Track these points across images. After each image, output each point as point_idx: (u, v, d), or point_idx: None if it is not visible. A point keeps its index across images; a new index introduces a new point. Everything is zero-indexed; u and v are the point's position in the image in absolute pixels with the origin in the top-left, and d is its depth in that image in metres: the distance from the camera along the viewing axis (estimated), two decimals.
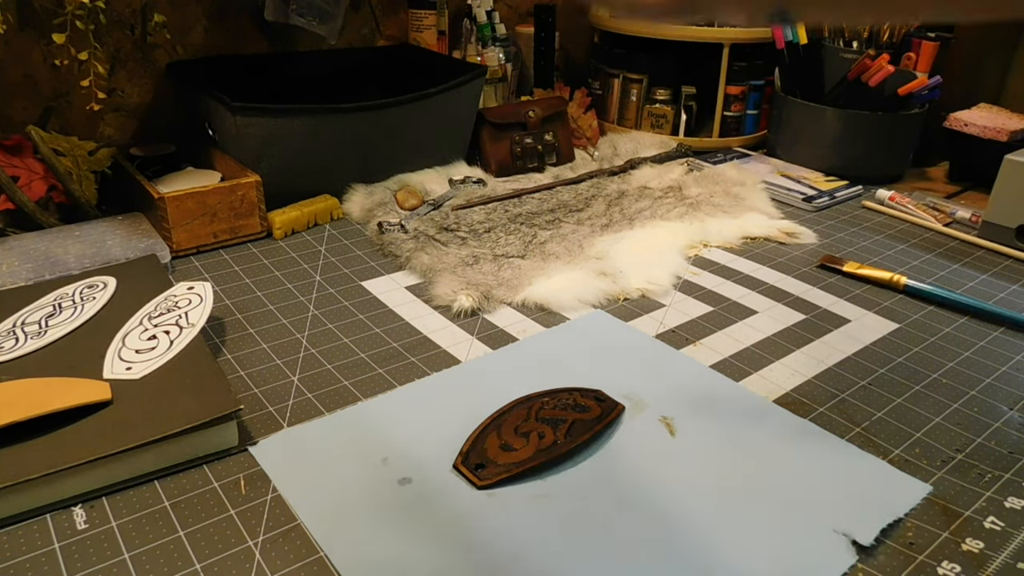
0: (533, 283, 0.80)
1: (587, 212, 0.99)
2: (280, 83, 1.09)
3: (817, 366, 0.70)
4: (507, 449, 0.56)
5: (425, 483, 0.53)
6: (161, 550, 0.47)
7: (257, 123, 0.89)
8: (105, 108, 0.99)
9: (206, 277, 0.82)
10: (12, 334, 0.64)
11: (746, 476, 0.55)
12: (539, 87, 1.29)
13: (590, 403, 0.61)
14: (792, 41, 1.18)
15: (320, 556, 0.47)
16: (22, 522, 0.49)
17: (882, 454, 0.58)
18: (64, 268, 0.77)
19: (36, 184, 0.86)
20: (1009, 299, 0.83)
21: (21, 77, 0.94)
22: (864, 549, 0.49)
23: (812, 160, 1.19)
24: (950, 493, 0.54)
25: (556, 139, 1.16)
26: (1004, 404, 0.65)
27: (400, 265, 0.86)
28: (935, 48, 1.20)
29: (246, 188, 0.87)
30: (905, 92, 1.12)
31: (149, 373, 0.58)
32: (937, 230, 1.01)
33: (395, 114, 0.99)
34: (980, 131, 1.13)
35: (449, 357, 0.69)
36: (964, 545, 0.50)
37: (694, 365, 0.69)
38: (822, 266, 0.89)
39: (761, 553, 0.48)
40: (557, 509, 0.51)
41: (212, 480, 0.53)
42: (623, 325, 0.75)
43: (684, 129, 1.28)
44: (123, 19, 0.98)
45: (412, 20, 1.21)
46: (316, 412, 0.61)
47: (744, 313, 0.79)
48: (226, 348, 0.69)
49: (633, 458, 0.57)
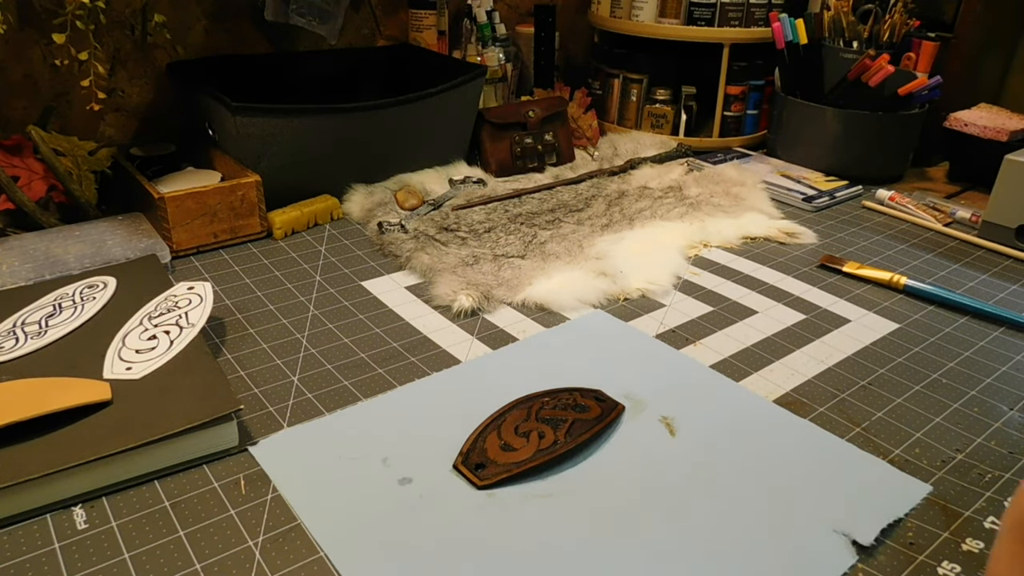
0: (533, 283, 0.80)
1: (587, 212, 0.99)
2: (280, 83, 1.09)
3: (817, 366, 0.70)
4: (507, 449, 0.56)
5: (425, 483, 0.53)
6: (161, 550, 0.47)
7: (257, 123, 0.89)
8: (105, 108, 0.99)
9: (206, 277, 0.82)
10: (12, 334, 0.64)
11: (746, 476, 0.55)
12: (539, 87, 1.29)
13: (590, 403, 0.61)
14: (792, 41, 1.18)
15: (320, 556, 0.47)
16: (22, 522, 0.49)
17: (882, 454, 0.58)
18: (64, 268, 0.77)
19: (36, 184, 0.86)
20: (1009, 299, 0.83)
21: (21, 77, 0.94)
22: (864, 549, 0.49)
23: (812, 160, 1.19)
24: (950, 493, 0.54)
25: (556, 139, 1.16)
26: (1004, 404, 0.65)
27: (400, 265, 0.86)
28: (935, 48, 1.20)
29: (246, 188, 0.87)
30: (905, 92, 1.12)
31: (149, 373, 0.58)
32: (937, 230, 1.01)
33: (395, 114, 0.99)
34: (980, 131, 1.13)
35: (449, 357, 0.69)
36: (964, 545, 0.50)
37: (694, 365, 0.69)
38: (822, 266, 0.89)
39: (761, 553, 0.48)
40: (557, 509, 0.51)
41: (212, 480, 0.53)
42: (623, 325, 0.75)
43: (684, 129, 1.28)
44: (123, 19, 0.98)
45: (412, 20, 1.21)
46: (316, 412, 0.61)
47: (744, 313, 0.79)
48: (226, 348, 0.69)
49: (633, 458, 0.57)
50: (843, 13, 1.19)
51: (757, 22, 1.22)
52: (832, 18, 1.20)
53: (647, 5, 1.22)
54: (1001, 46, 1.27)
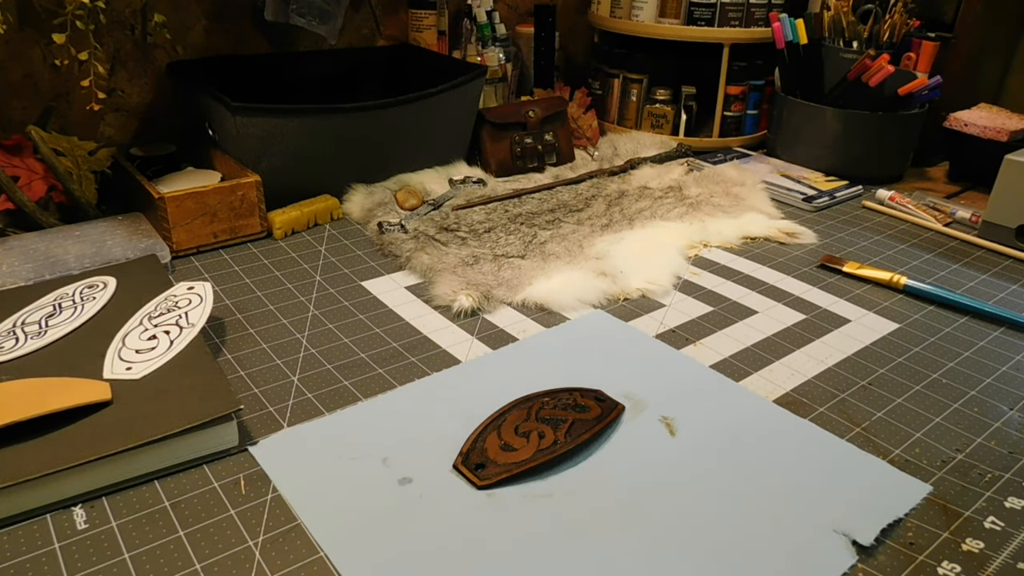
0: (533, 283, 0.80)
1: (587, 212, 0.99)
2: (280, 83, 1.09)
3: (817, 366, 0.70)
4: (507, 449, 0.56)
5: (425, 483, 0.53)
6: (161, 550, 0.47)
7: (257, 123, 0.89)
8: (105, 108, 0.99)
9: (206, 277, 0.82)
10: (12, 334, 0.64)
11: (746, 476, 0.55)
12: (539, 87, 1.29)
13: (590, 403, 0.61)
14: (792, 41, 1.18)
15: (320, 556, 0.47)
16: (22, 522, 0.49)
17: (882, 454, 0.58)
18: (64, 268, 0.77)
19: (36, 184, 0.86)
20: (1009, 299, 0.83)
21: (21, 77, 0.94)
22: (864, 549, 0.49)
23: (812, 160, 1.19)
24: (950, 493, 0.54)
25: (556, 139, 1.16)
26: (1004, 404, 0.65)
27: (400, 265, 0.86)
28: (935, 48, 1.20)
29: (246, 188, 0.87)
30: (905, 92, 1.12)
31: (149, 373, 0.58)
32: (937, 230, 1.01)
33: (395, 114, 0.99)
34: (980, 131, 1.13)
35: (449, 357, 0.69)
36: (964, 545, 0.50)
37: (694, 365, 0.69)
38: (822, 266, 0.89)
39: (761, 553, 0.48)
40: (557, 509, 0.51)
41: (212, 480, 0.53)
42: (623, 325, 0.75)
43: (684, 129, 1.28)
44: (123, 19, 0.98)
45: (412, 20, 1.21)
46: (316, 412, 0.61)
47: (744, 313, 0.79)
48: (226, 348, 0.69)
49: (633, 458, 0.57)
50: (843, 13, 1.19)
51: (757, 22, 1.22)
52: (832, 18, 1.20)
53: (647, 5, 1.22)
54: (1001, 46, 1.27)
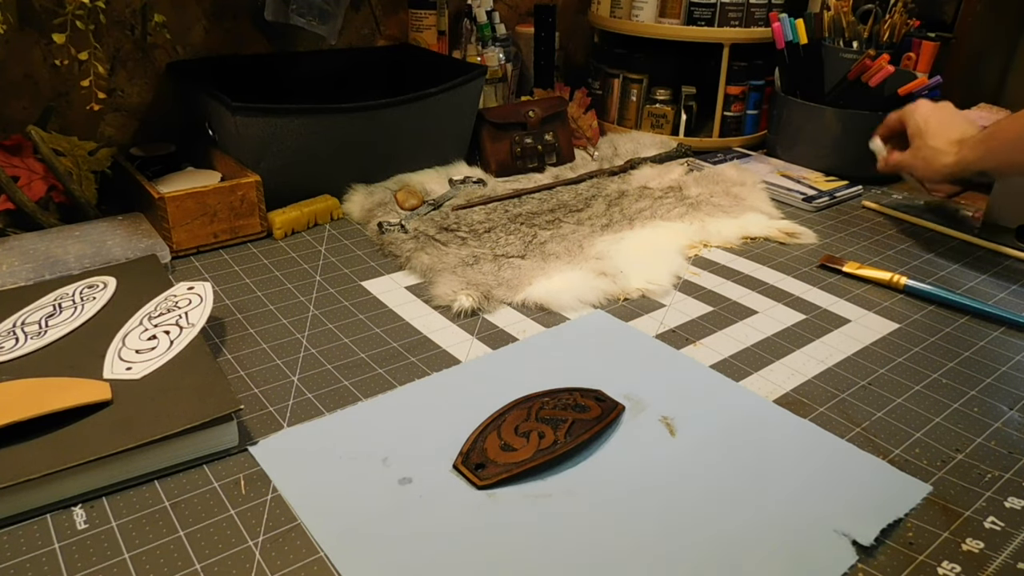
0: (533, 283, 0.80)
1: (587, 212, 0.99)
2: (280, 83, 1.09)
3: (817, 366, 0.70)
4: (507, 449, 0.56)
5: (425, 483, 0.53)
6: (161, 550, 0.47)
7: (257, 123, 0.89)
8: (105, 108, 0.99)
9: (206, 277, 0.82)
10: (12, 334, 0.64)
11: (746, 476, 0.55)
12: (539, 87, 1.29)
13: (590, 403, 0.61)
14: (792, 41, 1.18)
15: (320, 556, 0.47)
16: (22, 522, 0.49)
17: (882, 454, 0.58)
18: (64, 268, 0.77)
19: (36, 184, 0.86)
20: (1009, 299, 0.83)
21: (21, 77, 0.94)
22: (864, 549, 0.49)
23: (812, 160, 1.19)
24: (950, 493, 0.54)
25: (556, 139, 1.16)
26: (1004, 404, 0.65)
27: (400, 265, 0.86)
28: (935, 48, 1.20)
29: (246, 188, 0.87)
30: (905, 92, 1.12)
31: (149, 373, 0.58)
32: (937, 230, 1.01)
33: (395, 114, 0.99)
34: None
35: (449, 357, 0.69)
36: (964, 545, 0.50)
37: (694, 365, 0.69)
38: (822, 266, 0.89)
39: (761, 553, 0.48)
40: (557, 509, 0.51)
41: (212, 480, 0.53)
42: (623, 325, 0.75)
43: (684, 129, 1.28)
44: (123, 19, 0.98)
45: (412, 20, 1.21)
46: (316, 412, 0.61)
47: (744, 313, 0.79)
48: (226, 348, 0.69)
49: (633, 458, 0.57)
50: (843, 13, 1.19)
51: (757, 22, 1.22)
52: (832, 18, 1.20)
53: (647, 5, 1.22)
54: (1001, 46, 1.27)
